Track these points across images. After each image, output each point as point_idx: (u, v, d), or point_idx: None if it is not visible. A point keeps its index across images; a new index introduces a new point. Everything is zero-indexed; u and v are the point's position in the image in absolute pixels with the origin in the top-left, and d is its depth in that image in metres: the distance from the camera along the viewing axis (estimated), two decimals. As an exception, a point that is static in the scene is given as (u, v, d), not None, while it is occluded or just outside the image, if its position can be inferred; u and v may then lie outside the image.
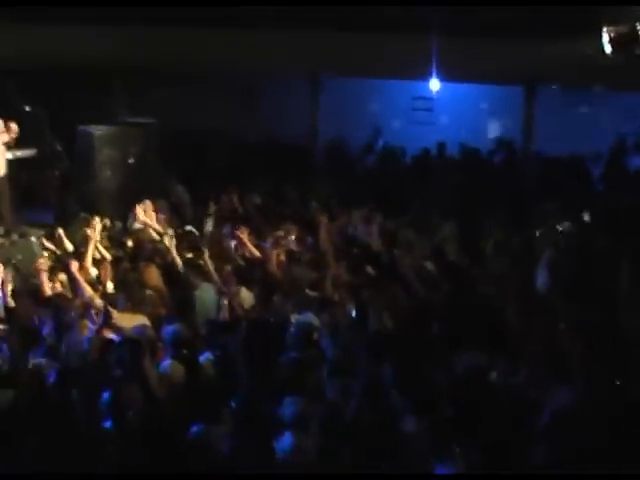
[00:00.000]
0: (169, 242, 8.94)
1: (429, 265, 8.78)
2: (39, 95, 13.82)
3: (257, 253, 9.45)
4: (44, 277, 8.35)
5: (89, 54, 12.60)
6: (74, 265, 8.33)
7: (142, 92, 15.52)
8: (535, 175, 14.18)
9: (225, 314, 7.97)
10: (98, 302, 7.74)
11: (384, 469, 4.82)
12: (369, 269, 8.85)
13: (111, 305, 7.62)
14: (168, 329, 6.77)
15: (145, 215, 10.46)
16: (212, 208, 11.56)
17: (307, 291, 8.13)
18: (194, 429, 5.13)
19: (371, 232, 10.28)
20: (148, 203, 10.71)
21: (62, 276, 8.59)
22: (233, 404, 5.72)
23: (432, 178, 13.56)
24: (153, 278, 8.48)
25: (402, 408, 5.28)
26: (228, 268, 8.80)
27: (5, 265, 8.66)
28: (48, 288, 8.28)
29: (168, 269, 8.88)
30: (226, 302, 8.04)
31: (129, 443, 5.33)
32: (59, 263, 9.07)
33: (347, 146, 15.79)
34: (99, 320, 7.35)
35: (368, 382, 5.64)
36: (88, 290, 8.01)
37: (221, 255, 9.30)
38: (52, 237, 10.12)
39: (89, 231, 9.19)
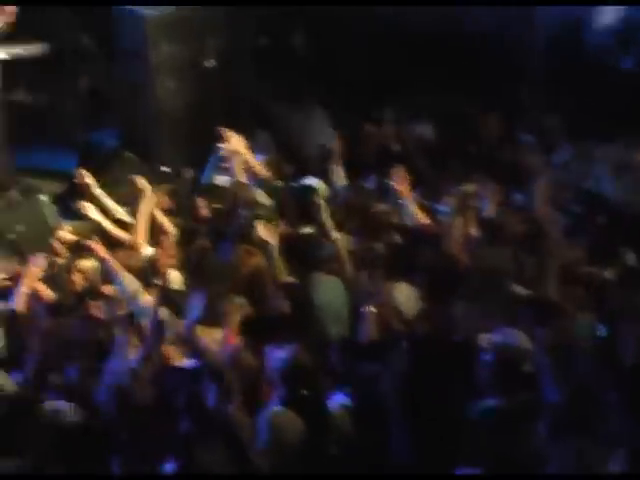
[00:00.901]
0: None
1: None
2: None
3: (426, 221, 9.51)
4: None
5: None
6: (97, 246, 8.53)
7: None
8: None
9: (370, 329, 8.04)
10: (149, 301, 7.90)
11: None
12: (628, 253, 8.75)
13: (176, 310, 7.78)
14: (277, 354, 6.90)
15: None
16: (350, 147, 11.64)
17: (513, 289, 8.12)
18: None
19: (634, 186, 10.15)
20: (238, 138, 10.86)
21: (86, 262, 8.77)
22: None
23: None
24: (255, 266, 8.60)
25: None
26: (375, 248, 8.87)
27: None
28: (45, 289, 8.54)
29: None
30: (372, 309, 8.11)
31: None
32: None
33: (588, 33, 15.57)
34: (151, 334, 7.51)
35: (628, 450, 5.62)
36: (131, 283, 8.18)
37: (363, 225, 9.38)
38: (75, 193, 10.37)
39: (139, 183, 9.41)
